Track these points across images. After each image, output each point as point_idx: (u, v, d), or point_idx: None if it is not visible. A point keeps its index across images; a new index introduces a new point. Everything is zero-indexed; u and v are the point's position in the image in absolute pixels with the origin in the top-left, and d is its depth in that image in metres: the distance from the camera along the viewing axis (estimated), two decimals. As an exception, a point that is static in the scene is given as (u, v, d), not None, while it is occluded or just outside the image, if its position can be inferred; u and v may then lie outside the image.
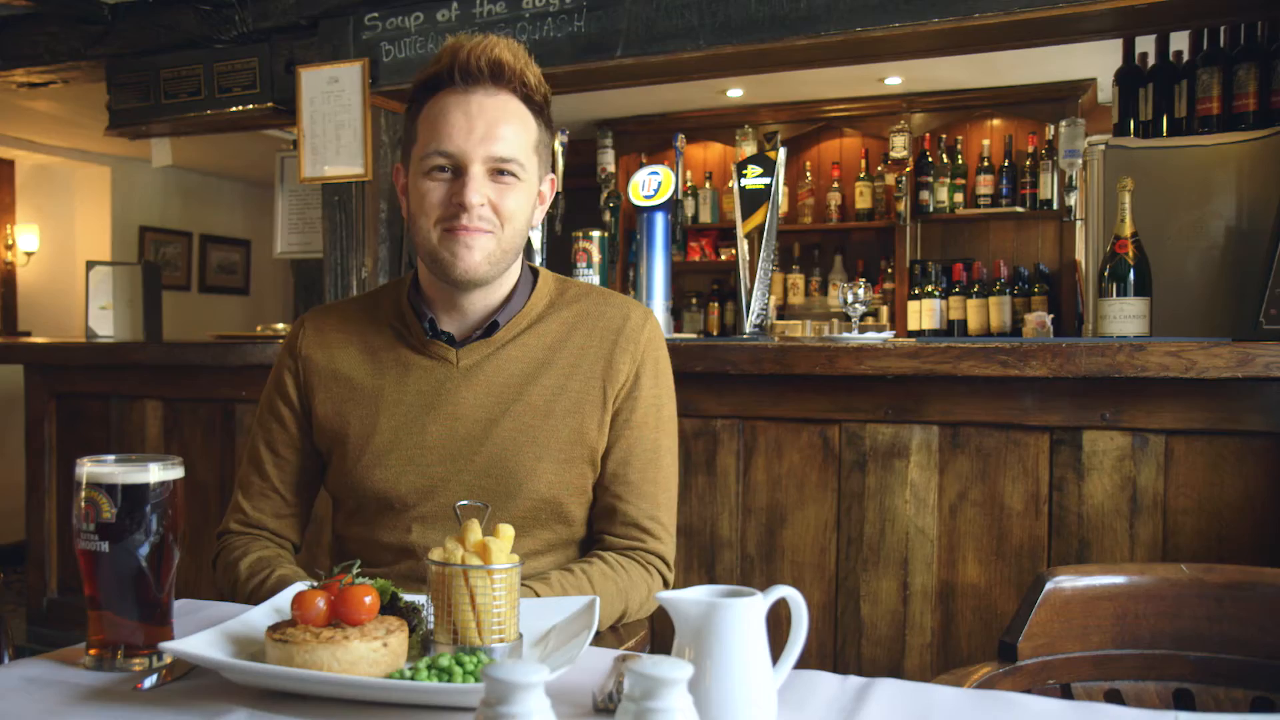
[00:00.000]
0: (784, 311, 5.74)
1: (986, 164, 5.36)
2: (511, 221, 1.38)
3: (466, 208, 1.34)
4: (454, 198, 1.35)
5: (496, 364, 1.44)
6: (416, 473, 1.42)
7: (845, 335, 2.55)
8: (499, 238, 1.38)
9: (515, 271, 1.48)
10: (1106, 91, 4.81)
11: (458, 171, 1.36)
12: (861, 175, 5.67)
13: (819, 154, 5.88)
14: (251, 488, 1.51)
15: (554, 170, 1.55)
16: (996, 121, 5.47)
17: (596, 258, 2.75)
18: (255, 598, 1.39)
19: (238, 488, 1.53)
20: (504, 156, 1.36)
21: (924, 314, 5.28)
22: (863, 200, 5.65)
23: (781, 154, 2.71)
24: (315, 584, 1.04)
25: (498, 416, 1.41)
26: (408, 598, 1.12)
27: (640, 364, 1.46)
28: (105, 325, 3.77)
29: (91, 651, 1.05)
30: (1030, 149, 5.27)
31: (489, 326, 1.44)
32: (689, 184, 5.96)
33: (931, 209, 5.45)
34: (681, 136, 3.41)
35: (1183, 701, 1.24)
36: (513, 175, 1.38)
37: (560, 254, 2.87)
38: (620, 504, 1.45)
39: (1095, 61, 4.71)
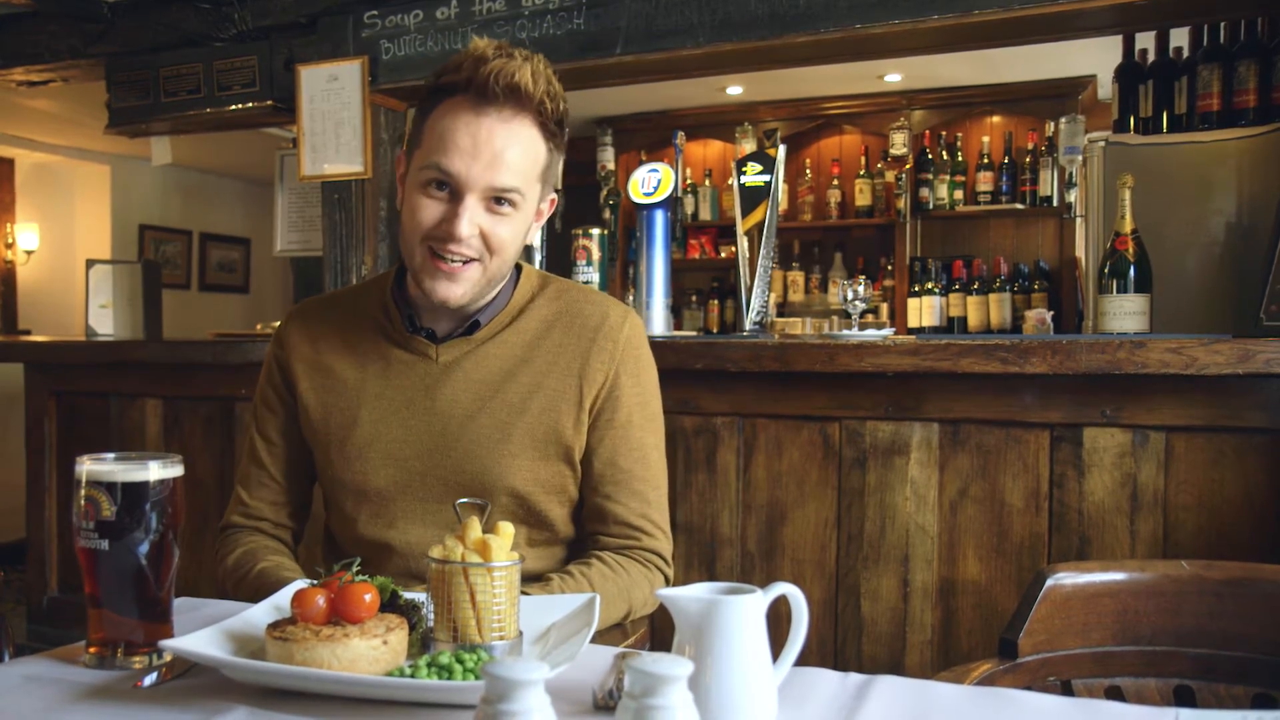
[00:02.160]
0: (784, 309, 5.74)
1: (986, 161, 5.36)
2: (501, 251, 1.37)
3: (456, 238, 1.32)
4: (444, 223, 1.33)
5: (475, 360, 1.44)
6: (395, 467, 1.42)
7: (845, 332, 2.54)
8: (485, 266, 1.37)
9: None
10: (1106, 88, 4.80)
11: (454, 195, 1.33)
12: (861, 172, 5.67)
13: (819, 151, 5.87)
14: (250, 478, 1.53)
15: (557, 189, 1.53)
16: (996, 118, 5.47)
17: (596, 255, 2.75)
18: (238, 592, 1.41)
19: (237, 481, 1.55)
20: (505, 187, 1.33)
21: (924, 311, 5.28)
22: (862, 197, 5.65)
23: (781, 151, 2.71)
24: (314, 581, 1.04)
25: (474, 412, 1.42)
26: (408, 595, 1.12)
27: (619, 364, 1.46)
28: (105, 324, 3.77)
29: (91, 649, 1.05)
30: (1030, 146, 5.27)
31: (470, 325, 1.45)
32: (689, 181, 5.96)
33: (931, 206, 5.45)
34: (681, 134, 3.41)
35: (1183, 698, 1.24)
36: (510, 204, 1.35)
37: (560, 251, 2.87)
38: (610, 504, 1.45)
39: (1095, 58, 4.70)
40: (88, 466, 1.04)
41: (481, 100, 1.32)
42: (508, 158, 1.33)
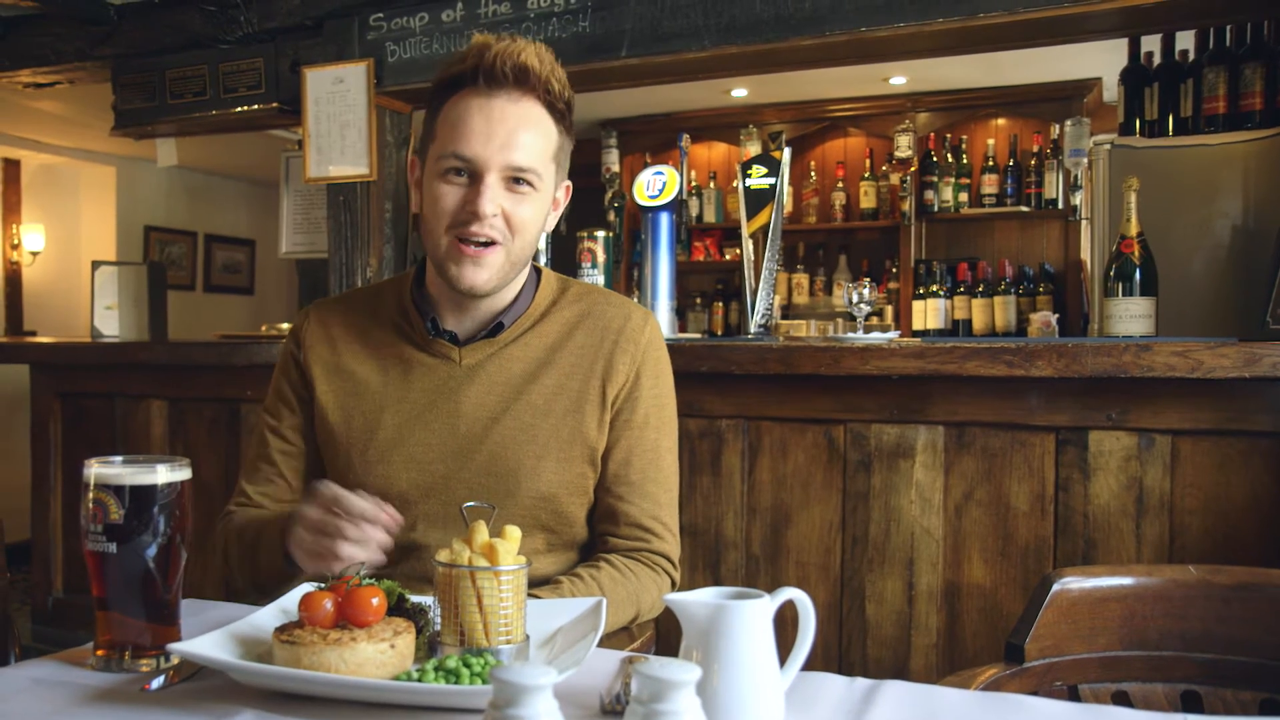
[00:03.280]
0: (788, 311, 5.74)
1: (991, 163, 5.35)
2: (523, 233, 1.38)
3: (480, 216, 1.33)
4: (467, 205, 1.34)
5: (498, 363, 1.44)
6: (418, 470, 1.42)
7: (850, 335, 2.54)
8: (508, 249, 1.37)
9: (522, 276, 1.48)
10: (1112, 90, 4.80)
11: (474, 177, 1.34)
12: (866, 175, 5.66)
13: (824, 153, 5.87)
14: (257, 474, 1.51)
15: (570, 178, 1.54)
16: (1001, 121, 5.47)
17: (601, 258, 2.75)
18: (248, 535, 1.38)
19: (242, 474, 1.53)
20: (522, 166, 1.34)
21: (929, 314, 5.28)
22: (867, 200, 5.65)
23: (786, 154, 2.71)
24: (322, 585, 1.04)
25: (498, 415, 1.42)
26: (415, 599, 1.12)
27: (640, 365, 1.47)
28: (110, 325, 3.78)
29: (99, 652, 1.05)
30: (1035, 148, 5.26)
31: (494, 327, 1.44)
32: (693, 184, 5.96)
33: (936, 208, 5.44)
34: (686, 136, 3.42)
35: (1190, 703, 1.24)
36: (529, 185, 1.36)
37: (565, 254, 2.87)
38: (622, 505, 1.45)
39: (1100, 60, 4.70)
40: (96, 469, 1.05)
41: (490, 84, 1.34)
42: (521, 138, 1.34)
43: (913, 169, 5.38)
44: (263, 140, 5.12)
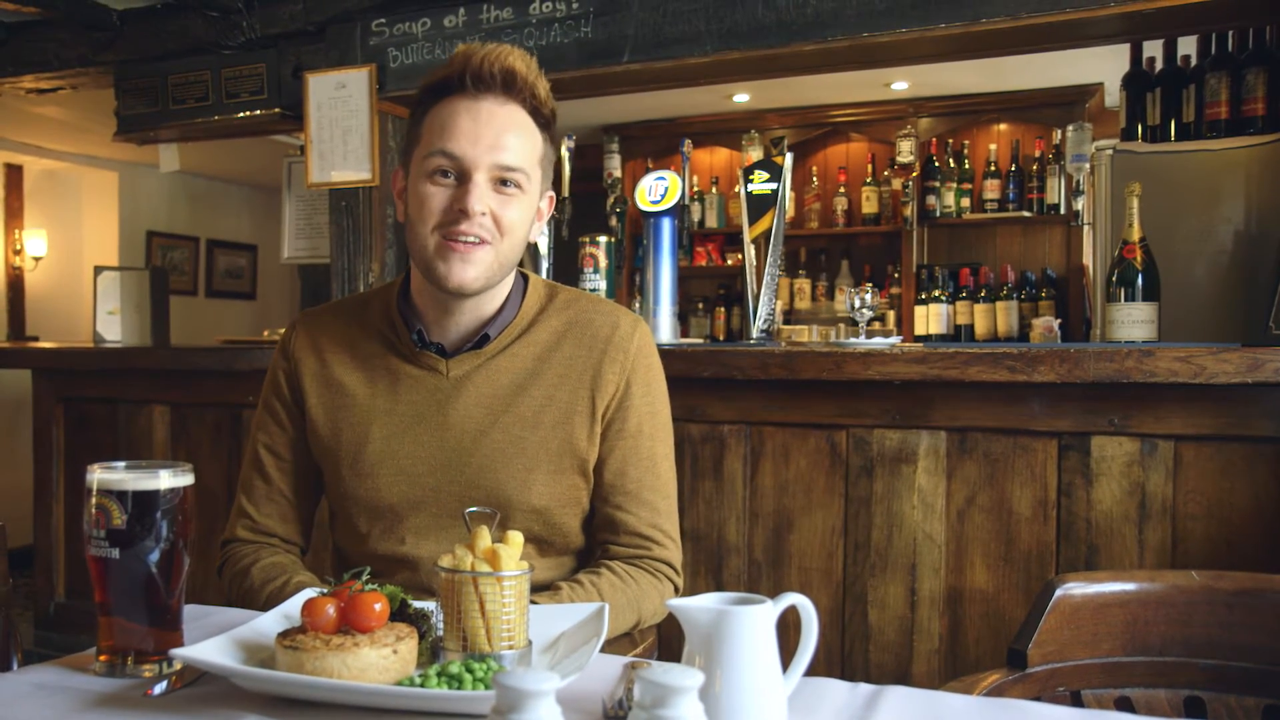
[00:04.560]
0: (791, 316, 5.74)
1: (993, 168, 5.36)
2: (511, 234, 1.37)
3: (469, 215, 1.32)
4: (455, 204, 1.33)
5: (486, 375, 1.43)
6: (407, 484, 1.41)
7: (852, 340, 2.54)
8: (497, 250, 1.36)
9: (508, 283, 1.46)
10: (1114, 96, 4.80)
11: (461, 178, 1.34)
12: (868, 180, 5.66)
13: (825, 159, 5.87)
14: (255, 492, 1.50)
15: (554, 187, 1.54)
16: (1003, 126, 5.47)
17: (603, 263, 2.75)
18: (273, 604, 1.38)
19: (240, 493, 1.52)
20: (510, 165, 1.34)
21: (931, 319, 5.28)
22: (869, 205, 5.65)
23: (788, 159, 2.72)
24: (325, 590, 1.04)
25: (487, 428, 1.41)
26: (417, 604, 1.11)
27: (630, 373, 1.45)
28: (113, 330, 3.78)
29: (102, 658, 1.05)
30: (1037, 153, 5.27)
31: (480, 339, 1.43)
32: (695, 189, 5.96)
33: (938, 213, 5.44)
34: (688, 141, 3.42)
35: (1194, 709, 1.24)
36: (516, 186, 1.36)
37: (567, 259, 2.88)
38: (621, 514, 1.45)
39: (1102, 66, 4.70)
40: (98, 475, 1.05)
41: (478, 87, 1.35)
42: (508, 139, 1.35)
43: (915, 174, 5.39)
44: (265, 145, 5.13)
